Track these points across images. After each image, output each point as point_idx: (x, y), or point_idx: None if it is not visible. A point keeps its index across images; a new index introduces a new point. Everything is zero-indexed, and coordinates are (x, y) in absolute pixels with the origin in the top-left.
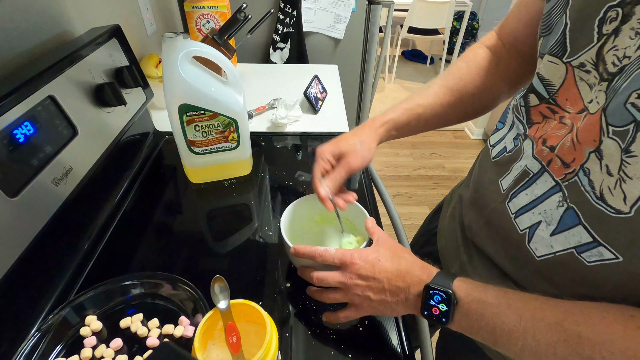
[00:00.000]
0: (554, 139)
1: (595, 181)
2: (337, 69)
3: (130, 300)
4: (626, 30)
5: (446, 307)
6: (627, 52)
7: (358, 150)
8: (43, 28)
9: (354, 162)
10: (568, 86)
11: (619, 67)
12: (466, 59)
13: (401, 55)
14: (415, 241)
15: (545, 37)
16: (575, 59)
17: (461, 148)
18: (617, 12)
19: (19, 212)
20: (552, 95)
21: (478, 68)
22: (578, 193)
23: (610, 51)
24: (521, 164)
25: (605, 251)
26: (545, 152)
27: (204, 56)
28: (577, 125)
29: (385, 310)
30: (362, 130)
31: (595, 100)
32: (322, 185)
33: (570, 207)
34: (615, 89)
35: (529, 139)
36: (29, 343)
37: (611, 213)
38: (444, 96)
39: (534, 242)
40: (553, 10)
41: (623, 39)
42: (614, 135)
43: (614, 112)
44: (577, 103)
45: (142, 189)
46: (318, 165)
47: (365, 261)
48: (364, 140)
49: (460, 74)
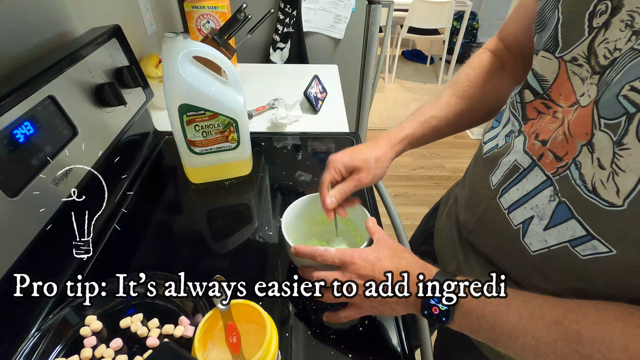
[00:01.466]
0: (545, 133)
1: (587, 174)
2: (337, 69)
3: (130, 300)
4: (616, 22)
5: (446, 306)
6: (618, 44)
7: (372, 168)
8: (43, 28)
9: (365, 179)
10: (561, 81)
11: (610, 59)
12: (472, 64)
13: (401, 55)
14: (412, 241)
15: (539, 34)
16: (567, 53)
17: (461, 148)
18: (607, 5)
19: (19, 212)
20: (546, 91)
21: (484, 73)
22: (569, 187)
23: (602, 44)
24: (510, 159)
25: (599, 244)
26: (537, 146)
27: (204, 56)
28: (568, 118)
29: (385, 310)
30: (379, 145)
31: (586, 93)
32: (329, 195)
33: (562, 202)
34: (607, 82)
35: (522, 135)
36: (29, 343)
37: (604, 206)
38: (456, 105)
39: (528, 237)
40: (545, 6)
41: (613, 31)
42: (605, 128)
43: (606, 105)
44: (569, 97)
45: (142, 189)
46: (329, 174)
47: (365, 261)
48: (379, 157)
49: (468, 81)
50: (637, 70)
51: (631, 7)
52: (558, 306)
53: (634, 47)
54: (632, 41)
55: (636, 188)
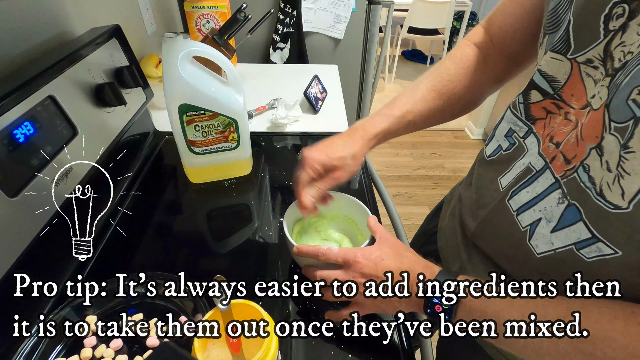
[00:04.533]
0: (560, 136)
1: (596, 177)
2: (337, 69)
3: (130, 300)
4: (634, 26)
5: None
6: (632, 48)
7: (348, 166)
8: (43, 28)
9: (342, 177)
10: (574, 82)
11: (622, 62)
12: (454, 58)
13: (401, 55)
14: (415, 240)
15: (551, 35)
16: (581, 55)
17: (461, 148)
18: (624, 8)
19: (19, 212)
20: (557, 91)
21: (465, 68)
22: (578, 189)
23: (618, 47)
24: (524, 161)
25: (604, 247)
26: (551, 148)
27: (204, 56)
28: (582, 122)
29: (387, 309)
30: (353, 141)
31: (597, 95)
32: (307, 194)
33: (571, 204)
34: (617, 85)
35: (534, 136)
36: (29, 343)
37: (609, 209)
38: (433, 100)
39: (535, 239)
40: (559, 7)
41: (631, 34)
42: (614, 131)
43: (616, 109)
44: (581, 98)
45: (142, 189)
46: (305, 173)
47: (369, 259)
48: (355, 154)
49: (448, 76)
50: None
51: None
52: (560, 304)
53: None
54: None
55: None
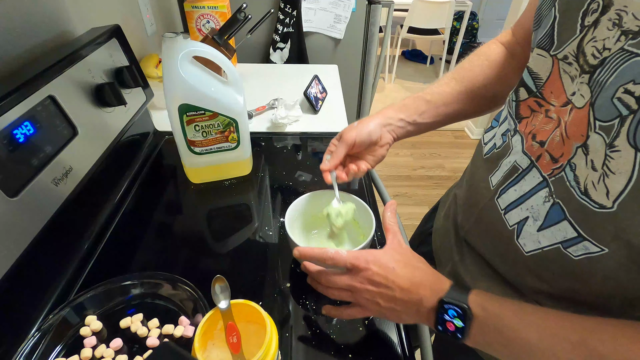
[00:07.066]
0: (543, 134)
1: (581, 176)
2: (337, 69)
3: (130, 300)
4: (604, 21)
5: (462, 322)
6: (607, 43)
7: (354, 127)
8: (43, 28)
9: (348, 136)
10: (553, 79)
11: (599, 59)
12: (478, 52)
13: (401, 55)
14: (411, 241)
15: (535, 31)
16: (560, 51)
17: (461, 148)
18: (598, 3)
19: (19, 212)
20: (539, 89)
21: (489, 60)
22: (564, 188)
23: (589, 43)
24: (510, 159)
25: (591, 245)
26: (535, 147)
27: (204, 56)
28: (565, 120)
29: (391, 317)
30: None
31: (578, 93)
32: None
33: (556, 203)
34: (600, 83)
35: (518, 134)
36: (29, 343)
37: (595, 208)
38: (454, 85)
39: (522, 237)
40: (543, 3)
41: (602, 30)
42: (600, 130)
43: (602, 107)
44: (560, 96)
45: (142, 189)
46: (327, 150)
47: (380, 267)
48: (363, 120)
49: (470, 65)
50: (631, 72)
51: (619, 6)
52: (579, 324)
53: (624, 48)
54: (622, 41)
55: (625, 190)
